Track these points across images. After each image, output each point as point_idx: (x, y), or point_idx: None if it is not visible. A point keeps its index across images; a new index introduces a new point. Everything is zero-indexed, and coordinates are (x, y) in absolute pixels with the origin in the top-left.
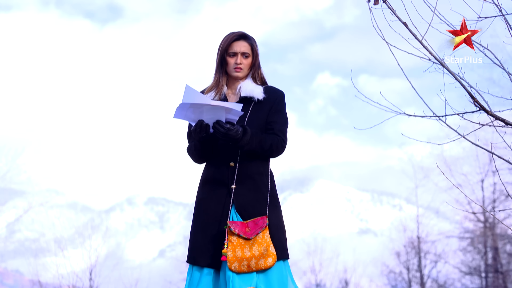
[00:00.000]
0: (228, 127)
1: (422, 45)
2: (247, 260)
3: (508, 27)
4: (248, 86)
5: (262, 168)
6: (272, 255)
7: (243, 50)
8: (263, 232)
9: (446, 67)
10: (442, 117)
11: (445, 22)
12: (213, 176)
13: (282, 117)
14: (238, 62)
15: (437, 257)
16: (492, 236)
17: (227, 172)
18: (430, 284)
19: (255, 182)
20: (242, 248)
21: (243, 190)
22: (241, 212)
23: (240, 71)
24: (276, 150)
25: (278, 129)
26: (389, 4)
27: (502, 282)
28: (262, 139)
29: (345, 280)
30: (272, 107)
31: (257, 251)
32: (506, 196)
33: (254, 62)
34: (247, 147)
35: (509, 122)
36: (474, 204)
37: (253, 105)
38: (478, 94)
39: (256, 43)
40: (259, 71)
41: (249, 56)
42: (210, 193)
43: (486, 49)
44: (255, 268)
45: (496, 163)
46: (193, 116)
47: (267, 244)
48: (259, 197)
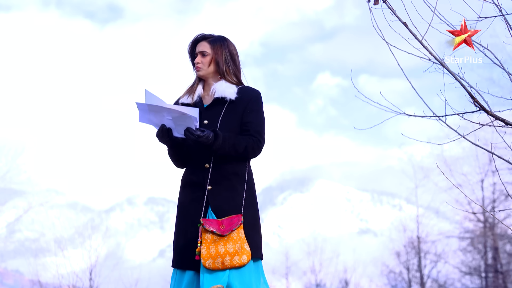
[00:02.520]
0: (198, 134)
1: (422, 45)
2: (221, 256)
3: (508, 27)
4: (221, 87)
5: (238, 169)
6: (246, 252)
7: (201, 49)
8: (238, 229)
9: (446, 67)
10: (442, 117)
11: (445, 22)
12: (190, 179)
13: (258, 117)
14: (196, 61)
15: (437, 257)
16: (492, 236)
17: (203, 174)
18: (430, 284)
19: (231, 183)
20: (216, 245)
21: (218, 190)
22: (216, 212)
23: (200, 69)
24: (252, 152)
25: (254, 129)
26: (389, 4)
27: (502, 282)
28: (236, 142)
29: (345, 280)
30: (247, 107)
31: (232, 248)
32: (506, 196)
33: (215, 59)
34: (220, 151)
35: (509, 122)
36: (474, 204)
37: (226, 105)
38: (478, 94)
39: (222, 41)
40: (226, 67)
41: (208, 54)
42: (189, 196)
43: (486, 49)
44: (229, 266)
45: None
46: (155, 120)
47: (242, 241)
48: (235, 196)
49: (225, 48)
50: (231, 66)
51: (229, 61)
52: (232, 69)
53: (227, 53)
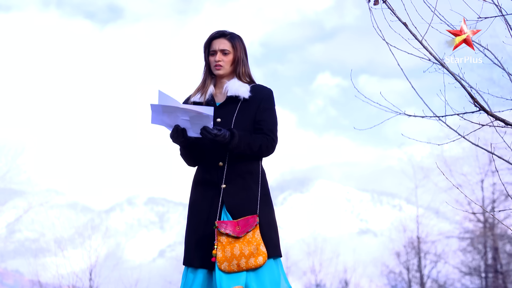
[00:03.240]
0: (215, 133)
1: (422, 45)
2: (236, 259)
3: (508, 27)
4: (234, 85)
5: (252, 167)
6: (262, 253)
7: (222, 47)
8: (254, 230)
9: (446, 67)
10: (442, 117)
11: (445, 22)
12: (203, 177)
13: (271, 115)
14: (217, 60)
15: (437, 257)
16: (492, 236)
17: (217, 172)
18: (430, 284)
19: (245, 181)
20: (232, 247)
21: (233, 189)
22: (231, 212)
23: (220, 68)
24: (266, 150)
25: (267, 128)
26: (389, 4)
27: (502, 282)
28: (251, 141)
29: (345, 280)
30: (260, 106)
31: (247, 249)
32: (506, 196)
33: (236, 58)
34: (236, 150)
35: (509, 122)
36: (474, 204)
37: (240, 104)
38: (478, 94)
39: (239, 39)
40: (243, 68)
41: (229, 53)
42: (201, 194)
43: (486, 49)
44: (245, 268)
45: (496, 163)
46: (169, 121)
47: (257, 243)
48: (250, 196)
49: (242, 46)
50: (246, 65)
51: (244, 60)
52: (246, 68)
53: (243, 52)
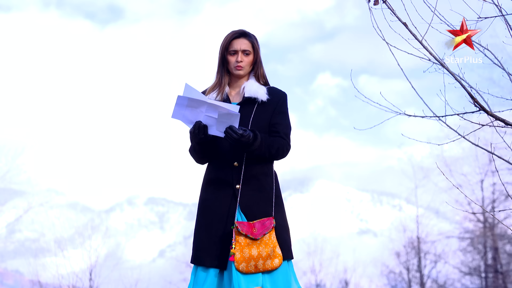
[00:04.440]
0: (241, 133)
1: (422, 46)
2: (254, 260)
3: (508, 27)
4: (252, 87)
5: (266, 169)
6: (278, 256)
7: (244, 48)
8: (270, 233)
9: (446, 68)
10: (442, 117)
11: (445, 22)
12: (217, 177)
13: (286, 119)
14: (239, 60)
15: (437, 257)
16: (492, 236)
17: (231, 172)
18: (430, 284)
19: (260, 183)
20: (250, 248)
21: (248, 190)
22: (246, 213)
23: (241, 69)
24: (281, 154)
25: (283, 131)
26: (389, 4)
27: (502, 282)
28: (270, 144)
29: (345, 280)
30: (276, 109)
31: (264, 251)
32: (506, 196)
33: (256, 59)
34: (257, 152)
35: (509, 122)
36: (474, 204)
37: (256, 106)
38: (478, 94)
39: (257, 40)
40: (261, 69)
41: (250, 53)
42: (214, 193)
43: (486, 49)
44: (262, 269)
45: (496, 163)
46: (191, 117)
47: (274, 245)
48: (264, 198)
49: (259, 47)
50: (262, 66)
51: (261, 61)
52: (263, 69)
53: (260, 53)
